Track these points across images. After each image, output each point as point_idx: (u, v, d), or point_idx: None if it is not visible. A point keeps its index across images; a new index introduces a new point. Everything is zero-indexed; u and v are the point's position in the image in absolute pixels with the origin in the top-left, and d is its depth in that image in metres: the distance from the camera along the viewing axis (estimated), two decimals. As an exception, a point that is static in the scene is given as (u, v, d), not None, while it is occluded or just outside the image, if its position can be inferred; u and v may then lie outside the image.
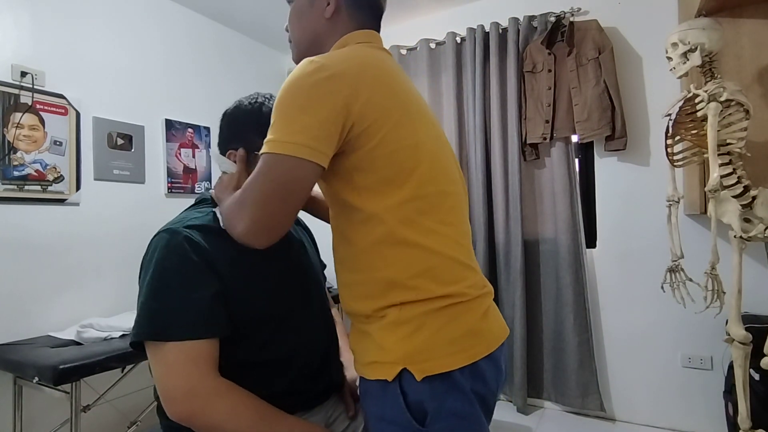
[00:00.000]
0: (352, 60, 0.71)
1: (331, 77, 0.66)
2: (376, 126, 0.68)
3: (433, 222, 0.71)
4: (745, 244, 1.41)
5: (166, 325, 0.75)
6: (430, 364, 0.67)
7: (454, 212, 0.76)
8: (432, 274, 0.70)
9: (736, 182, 1.42)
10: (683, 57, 1.52)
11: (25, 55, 1.81)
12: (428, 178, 0.72)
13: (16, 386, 1.67)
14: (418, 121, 0.74)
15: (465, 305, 0.71)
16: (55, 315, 1.84)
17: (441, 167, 0.76)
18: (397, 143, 0.70)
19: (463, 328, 0.70)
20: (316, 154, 0.65)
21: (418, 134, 0.73)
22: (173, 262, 0.78)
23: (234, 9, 2.54)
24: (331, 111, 0.65)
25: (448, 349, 0.68)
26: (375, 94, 0.69)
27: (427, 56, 2.60)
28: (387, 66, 0.76)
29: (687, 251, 1.72)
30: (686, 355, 2.09)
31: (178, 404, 0.74)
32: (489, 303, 0.77)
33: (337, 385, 1.00)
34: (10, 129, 1.73)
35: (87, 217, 1.97)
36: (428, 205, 0.71)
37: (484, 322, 0.73)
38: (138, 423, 1.80)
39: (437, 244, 0.71)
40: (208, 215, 0.88)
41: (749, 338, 1.39)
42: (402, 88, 0.75)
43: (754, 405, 1.46)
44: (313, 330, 0.95)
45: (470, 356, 0.69)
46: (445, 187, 0.75)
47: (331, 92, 0.66)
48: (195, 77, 2.50)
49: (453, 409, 0.68)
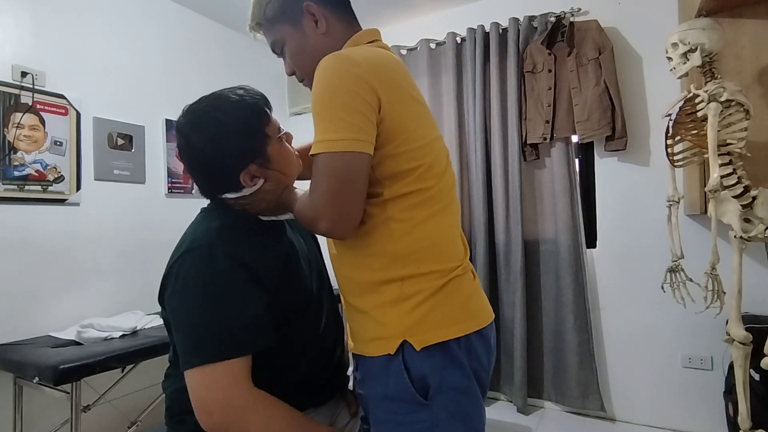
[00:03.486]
0: (374, 58, 0.75)
1: (362, 73, 0.70)
2: (400, 123, 0.74)
3: (437, 204, 0.78)
4: (746, 245, 1.41)
5: (225, 345, 0.74)
6: (428, 335, 0.72)
7: (452, 194, 0.84)
8: (434, 249, 0.76)
9: (737, 182, 1.42)
10: (683, 57, 1.52)
11: (26, 55, 1.81)
12: (436, 168, 0.79)
13: (16, 386, 1.67)
14: (426, 118, 0.82)
15: (459, 280, 0.77)
16: (56, 315, 1.84)
17: (442, 155, 0.83)
18: (415, 142, 0.76)
19: (458, 301, 0.76)
20: (366, 145, 0.70)
21: (433, 131, 0.81)
22: (221, 279, 0.76)
23: (234, 9, 2.54)
24: (369, 105, 0.70)
25: (444, 321, 0.74)
26: (397, 95, 0.75)
27: (427, 56, 2.60)
28: (400, 66, 0.81)
29: (687, 251, 1.72)
30: (686, 356, 2.09)
31: (215, 416, 0.73)
32: (477, 282, 0.83)
33: (343, 382, 1.01)
34: (10, 129, 1.73)
35: (87, 217, 1.98)
36: (435, 189, 0.78)
37: (475, 299, 0.79)
38: (138, 423, 1.80)
39: (440, 223, 0.78)
40: (222, 215, 0.87)
41: (749, 338, 1.39)
42: (413, 86, 0.82)
43: (755, 405, 1.46)
44: (325, 324, 0.96)
45: (464, 329, 0.74)
46: (444, 172, 0.82)
47: (368, 87, 0.70)
48: (195, 77, 2.51)
49: (452, 383, 0.72)
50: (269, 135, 0.86)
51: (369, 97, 0.70)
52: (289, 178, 0.91)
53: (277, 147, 0.87)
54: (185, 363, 0.75)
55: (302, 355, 0.88)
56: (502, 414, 2.33)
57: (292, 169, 0.91)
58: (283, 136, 0.89)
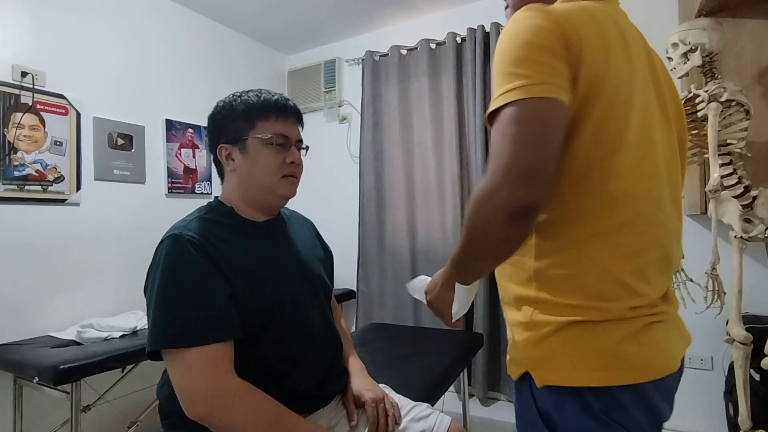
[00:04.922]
0: (573, 11, 0.61)
1: (550, 24, 0.58)
2: (588, 91, 0.59)
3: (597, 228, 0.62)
4: (746, 245, 1.41)
5: (183, 332, 0.76)
6: (552, 374, 0.62)
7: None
8: (580, 281, 0.62)
9: (737, 182, 1.42)
10: (684, 57, 1.52)
11: (26, 55, 1.81)
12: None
13: (16, 386, 1.67)
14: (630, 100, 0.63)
15: (608, 324, 0.61)
16: (56, 315, 1.84)
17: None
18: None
19: (598, 346, 0.61)
20: (556, 90, 0.55)
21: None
22: (181, 268, 0.79)
23: (234, 9, 2.54)
24: (560, 49, 0.57)
25: (574, 363, 0.61)
26: (607, 51, 0.60)
27: (428, 56, 2.59)
28: (617, 26, 0.65)
29: (687, 251, 1.71)
30: (686, 356, 2.08)
31: (199, 404, 0.75)
32: (650, 326, 0.63)
33: (339, 390, 1.01)
34: (10, 129, 1.73)
35: (87, 217, 1.97)
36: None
37: (630, 346, 0.61)
38: (138, 423, 1.80)
39: (599, 255, 0.62)
40: (211, 209, 0.90)
41: (750, 338, 1.39)
42: (629, 55, 0.64)
43: (755, 405, 1.46)
44: (318, 334, 0.95)
45: (600, 378, 0.60)
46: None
47: (551, 29, 0.58)
48: (195, 77, 2.50)
49: (582, 429, 0.61)
50: (257, 127, 0.91)
51: (558, 46, 0.58)
52: (254, 182, 0.92)
53: (258, 145, 0.90)
54: (147, 346, 0.78)
55: (294, 366, 0.89)
56: (503, 414, 2.32)
57: (261, 174, 0.91)
58: (273, 140, 0.90)
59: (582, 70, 0.58)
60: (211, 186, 2.55)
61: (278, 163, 0.91)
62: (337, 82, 2.94)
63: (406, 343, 1.82)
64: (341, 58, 2.96)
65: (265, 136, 0.90)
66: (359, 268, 2.77)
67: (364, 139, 2.76)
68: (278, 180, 0.92)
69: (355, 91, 2.86)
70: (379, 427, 0.92)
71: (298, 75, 3.08)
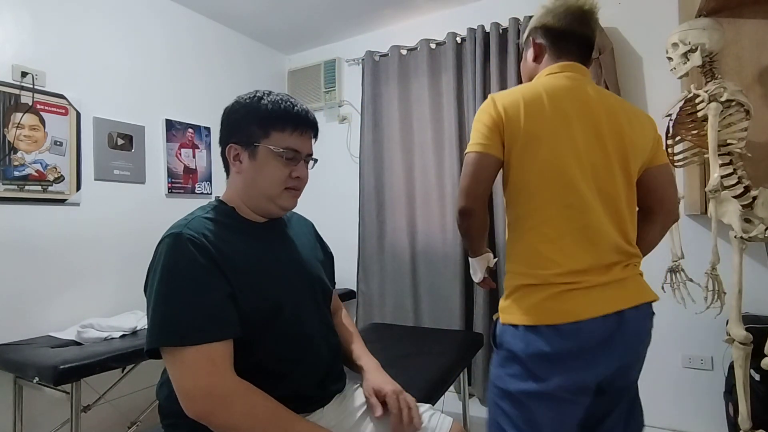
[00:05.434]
0: (523, 89, 1.01)
1: (491, 109, 1.00)
2: (509, 142, 0.98)
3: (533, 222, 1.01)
4: (746, 245, 1.41)
5: (181, 330, 0.76)
6: (507, 317, 0.99)
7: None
8: (523, 258, 1.00)
9: (737, 182, 1.42)
10: (684, 57, 1.52)
11: (26, 55, 1.81)
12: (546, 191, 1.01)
13: (16, 386, 1.67)
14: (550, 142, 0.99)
15: (539, 287, 0.95)
16: (56, 315, 1.84)
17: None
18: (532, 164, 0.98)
19: (532, 302, 0.95)
20: (488, 147, 0.99)
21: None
22: (181, 266, 0.79)
23: (235, 9, 2.54)
24: (491, 124, 0.99)
25: (519, 311, 0.97)
26: (521, 114, 0.97)
27: (428, 56, 2.59)
28: (552, 90, 1.00)
29: (687, 251, 1.72)
30: (687, 356, 2.08)
31: (198, 403, 0.75)
32: (569, 292, 0.93)
33: (339, 390, 1.01)
34: (10, 129, 1.73)
35: (87, 217, 1.98)
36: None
37: (550, 302, 0.93)
38: (138, 423, 1.80)
39: (532, 239, 0.98)
40: (212, 208, 0.91)
41: (750, 338, 1.39)
42: (555, 110, 0.98)
43: (755, 405, 1.46)
44: (318, 335, 0.96)
45: (529, 320, 0.94)
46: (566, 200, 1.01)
47: (489, 112, 1.00)
48: (195, 77, 2.50)
49: (515, 347, 0.96)
50: (271, 137, 0.90)
51: (490, 120, 1.02)
52: (257, 189, 0.92)
53: (268, 155, 0.90)
54: (146, 344, 0.78)
55: (293, 366, 0.89)
56: (502, 414, 2.32)
57: (265, 183, 0.91)
58: (283, 154, 0.90)
59: (505, 132, 0.99)
60: (211, 186, 2.55)
61: (284, 176, 0.91)
62: (337, 82, 2.94)
63: (406, 343, 1.82)
64: (341, 58, 2.96)
65: (276, 149, 0.89)
66: (359, 268, 2.77)
67: (364, 139, 2.76)
68: (281, 192, 0.92)
69: (355, 91, 2.87)
70: (403, 417, 0.92)
71: (298, 75, 3.09)
